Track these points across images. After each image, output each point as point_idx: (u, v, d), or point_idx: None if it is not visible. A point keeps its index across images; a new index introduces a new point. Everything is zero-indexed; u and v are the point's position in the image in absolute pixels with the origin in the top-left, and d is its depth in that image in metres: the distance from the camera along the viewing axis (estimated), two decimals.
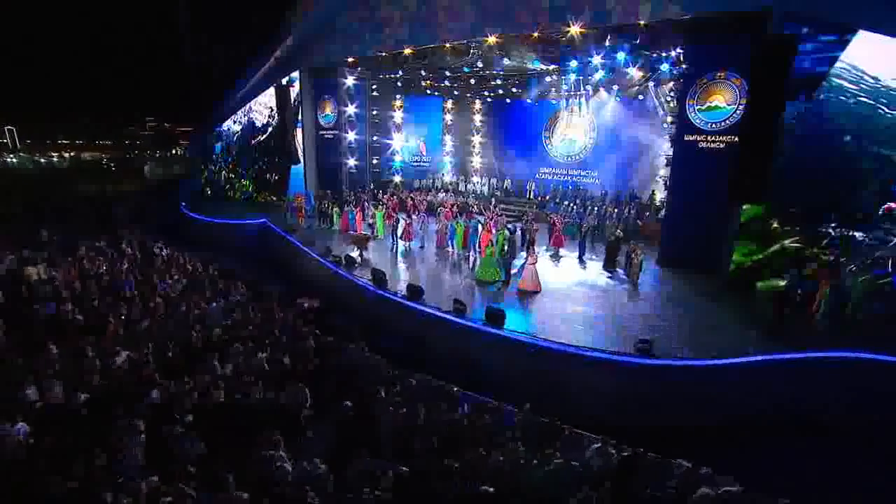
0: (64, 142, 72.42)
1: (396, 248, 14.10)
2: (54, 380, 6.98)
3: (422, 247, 14.23)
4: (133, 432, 5.94)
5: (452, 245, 13.79)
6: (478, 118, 22.79)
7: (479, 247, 12.72)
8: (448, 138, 23.59)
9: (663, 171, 17.64)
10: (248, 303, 10.98)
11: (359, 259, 12.55)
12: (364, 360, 7.85)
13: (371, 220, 14.83)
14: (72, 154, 55.28)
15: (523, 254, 12.45)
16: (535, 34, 12.92)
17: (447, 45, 14.71)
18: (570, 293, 10.69)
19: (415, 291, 9.39)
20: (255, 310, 10.50)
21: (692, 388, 7.41)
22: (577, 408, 6.71)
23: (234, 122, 23.21)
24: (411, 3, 14.75)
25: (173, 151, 64.53)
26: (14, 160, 45.33)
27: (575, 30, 12.10)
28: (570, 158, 19.96)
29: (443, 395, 6.99)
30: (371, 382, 7.08)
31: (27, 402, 6.56)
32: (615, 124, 18.10)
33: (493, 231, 12.33)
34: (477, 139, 23.08)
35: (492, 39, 13.58)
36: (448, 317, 8.81)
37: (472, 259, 13.06)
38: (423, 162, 23.29)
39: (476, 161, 23.40)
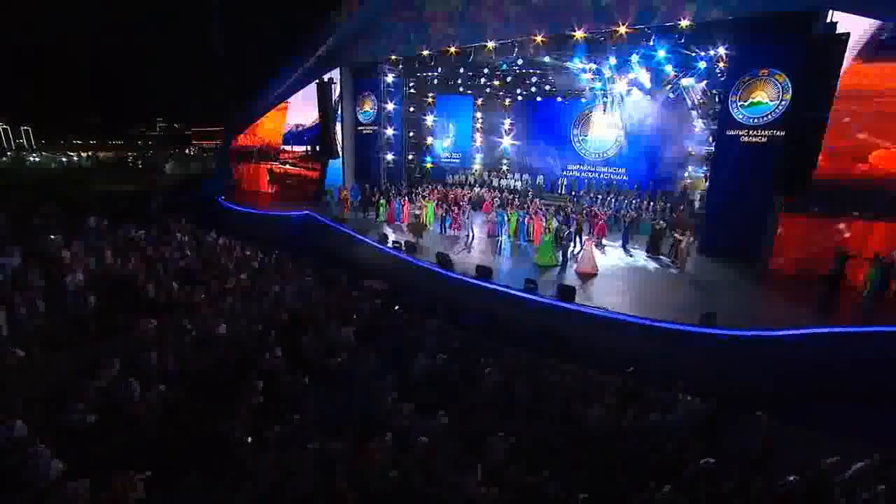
0: (77, 142, 73.31)
1: (445, 235, 14.79)
2: (169, 348, 7.63)
3: (468, 235, 14.86)
4: (253, 391, 6.62)
5: (502, 233, 14.46)
6: (508, 116, 23.40)
7: (533, 235, 13.40)
8: (478, 135, 24.25)
9: (692, 168, 18.33)
10: (317, 286, 11.62)
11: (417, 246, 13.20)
12: (452, 333, 8.47)
13: (418, 211, 15.47)
14: (89, 153, 56.16)
15: (570, 244, 13.11)
16: (580, 33, 13.48)
17: (491, 43, 15.30)
18: (623, 276, 11.37)
19: (484, 272, 9.98)
20: (327, 292, 11.15)
21: (765, 356, 8.00)
22: (659, 374, 7.30)
23: None
24: (457, 3, 15.36)
25: (187, 151, 65.52)
26: (37, 159, 46.11)
27: (622, 29, 12.74)
28: (601, 155, 20.56)
29: (533, 362, 7.62)
30: (465, 352, 7.70)
31: (152, 367, 7.22)
32: (647, 122, 18.64)
33: (544, 220, 13.01)
34: (507, 136, 23.69)
35: (538, 38, 14.18)
36: (525, 294, 9.42)
37: (523, 246, 13.72)
38: (454, 158, 23.92)
39: (506, 157, 24.02)
